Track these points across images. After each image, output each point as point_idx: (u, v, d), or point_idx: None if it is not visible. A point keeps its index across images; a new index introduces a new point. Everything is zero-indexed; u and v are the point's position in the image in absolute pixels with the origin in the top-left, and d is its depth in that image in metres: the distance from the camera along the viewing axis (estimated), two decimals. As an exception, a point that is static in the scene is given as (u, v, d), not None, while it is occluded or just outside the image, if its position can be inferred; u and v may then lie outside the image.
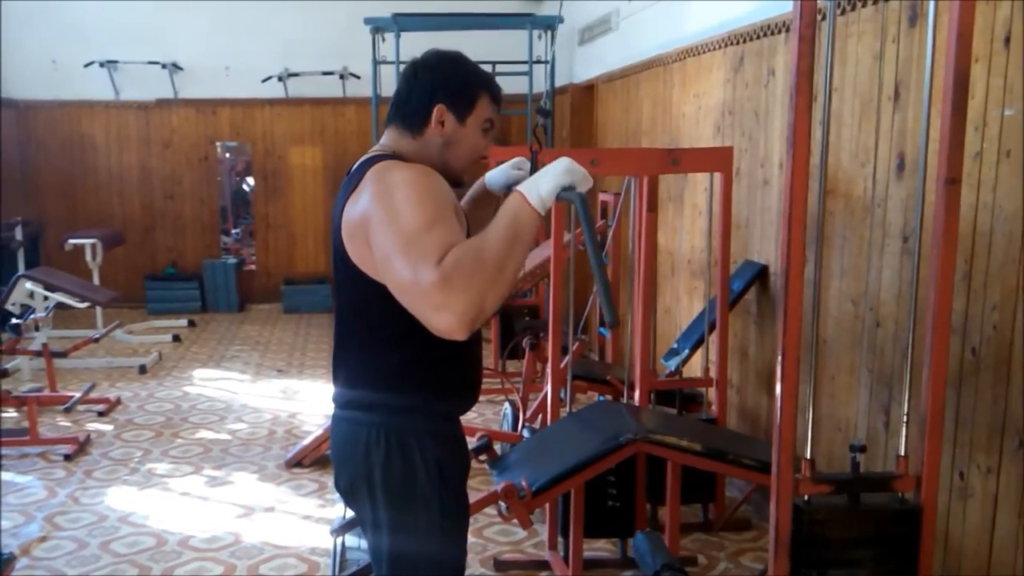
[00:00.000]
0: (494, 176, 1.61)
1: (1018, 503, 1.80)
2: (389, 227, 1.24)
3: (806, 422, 1.84)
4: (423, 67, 1.43)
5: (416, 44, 5.89)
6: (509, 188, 1.58)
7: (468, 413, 1.53)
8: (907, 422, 1.75)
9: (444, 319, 1.17)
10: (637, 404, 2.79)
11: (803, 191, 1.62)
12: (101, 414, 4.12)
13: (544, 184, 1.26)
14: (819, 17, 2.37)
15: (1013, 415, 1.81)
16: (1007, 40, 1.81)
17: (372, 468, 1.38)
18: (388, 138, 1.45)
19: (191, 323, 6.20)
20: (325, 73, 6.52)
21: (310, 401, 4.37)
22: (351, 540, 2.71)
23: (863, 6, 2.37)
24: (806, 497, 1.63)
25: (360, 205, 1.31)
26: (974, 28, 1.55)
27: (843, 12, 2.45)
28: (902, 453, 1.67)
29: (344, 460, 1.44)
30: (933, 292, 1.58)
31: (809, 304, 2.27)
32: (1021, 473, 1.79)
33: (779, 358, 1.64)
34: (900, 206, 2.20)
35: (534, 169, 1.57)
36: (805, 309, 1.98)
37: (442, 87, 1.40)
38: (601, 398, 3.38)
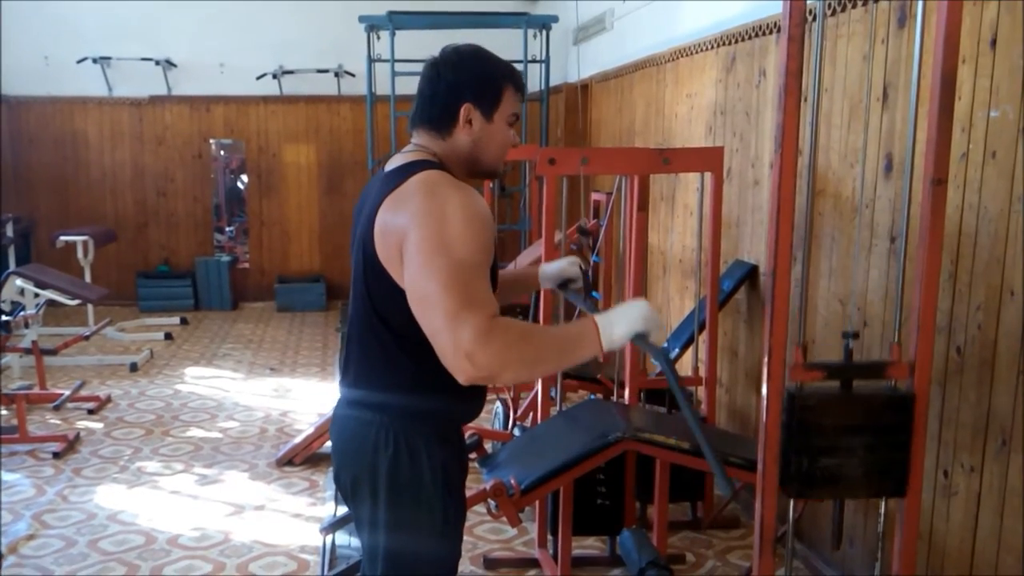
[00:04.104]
0: (547, 271, 1.69)
1: (1000, 502, 1.81)
2: (437, 254, 1.23)
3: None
4: (445, 65, 1.39)
5: (411, 42, 5.83)
6: (560, 284, 1.68)
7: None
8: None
9: (462, 365, 1.19)
10: (627, 403, 2.80)
11: (791, 191, 1.63)
12: (91, 412, 4.11)
13: (619, 328, 1.28)
14: (809, 18, 2.38)
15: (997, 414, 1.83)
16: (994, 42, 1.83)
17: (378, 468, 1.38)
18: (420, 139, 1.42)
19: (183, 321, 6.18)
20: (320, 71, 6.51)
21: (302, 399, 4.36)
22: (341, 538, 2.71)
23: (853, 7, 2.38)
24: (798, 384, 1.61)
25: (403, 215, 1.28)
26: (961, 29, 1.56)
27: (833, 13, 2.46)
28: (895, 340, 1.63)
29: (349, 457, 1.43)
30: (919, 292, 1.59)
31: (797, 304, 2.28)
32: (1004, 472, 1.80)
33: (765, 357, 1.64)
34: (888, 207, 2.21)
35: (586, 284, 1.67)
36: (793, 309, 1.98)
37: (467, 85, 1.38)
38: (592, 397, 3.39)
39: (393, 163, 1.41)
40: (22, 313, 4.23)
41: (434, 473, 1.38)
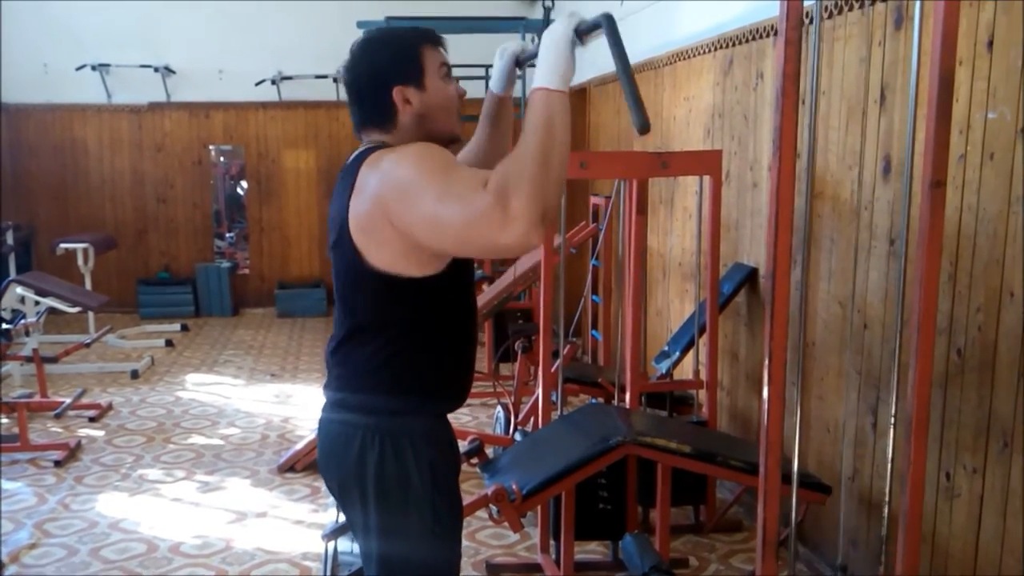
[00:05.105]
0: (495, 78, 1.58)
1: (1003, 503, 1.81)
2: (417, 194, 1.21)
3: (794, 424, 1.85)
4: (358, 64, 1.40)
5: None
6: (517, 62, 1.55)
7: (462, 416, 1.53)
8: (894, 423, 1.76)
9: (514, 230, 1.12)
10: (628, 407, 2.80)
11: (789, 194, 1.63)
12: (92, 419, 4.11)
13: (553, 62, 1.20)
14: (806, 20, 2.39)
15: (998, 416, 1.82)
16: (990, 43, 1.83)
17: (365, 471, 1.37)
18: (370, 137, 1.43)
19: (184, 327, 6.18)
20: (318, 76, 6.52)
21: (303, 405, 4.36)
22: (343, 544, 2.71)
23: (850, 9, 2.38)
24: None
25: (367, 197, 1.29)
26: (958, 31, 1.56)
27: (830, 16, 2.46)
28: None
29: (335, 462, 1.43)
30: (918, 294, 1.59)
31: (797, 307, 2.29)
32: (1006, 473, 1.80)
33: (766, 361, 1.64)
34: (887, 208, 2.21)
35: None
36: (793, 312, 1.98)
37: (386, 71, 1.37)
38: (593, 401, 3.39)
39: (350, 158, 1.41)
40: (23, 321, 4.24)
41: (421, 473, 1.37)
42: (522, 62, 1.55)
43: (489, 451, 3.01)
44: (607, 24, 1.19)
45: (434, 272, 1.33)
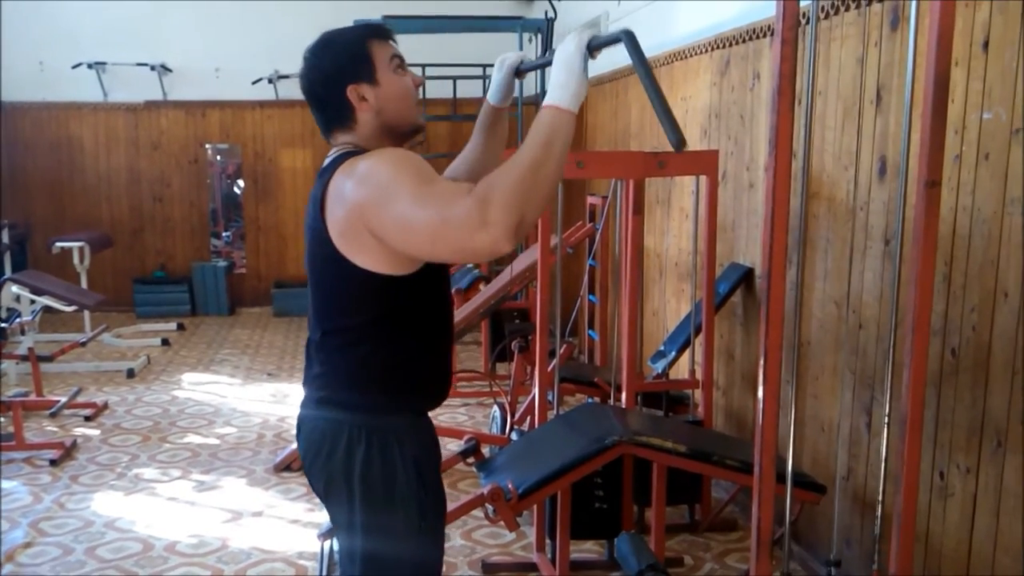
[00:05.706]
0: (493, 90, 1.58)
1: (996, 502, 1.82)
2: (392, 195, 1.22)
3: (789, 423, 1.85)
4: (311, 71, 1.42)
5: (405, 46, 5.88)
6: (517, 73, 1.55)
7: (458, 415, 1.53)
8: (888, 423, 1.76)
9: (488, 234, 1.13)
10: (624, 406, 2.80)
11: (785, 194, 1.63)
12: (88, 419, 4.10)
13: (565, 81, 1.19)
14: (802, 20, 2.40)
15: (991, 416, 1.83)
16: (986, 44, 1.84)
17: (352, 468, 1.37)
18: (336, 140, 1.44)
19: (180, 326, 6.18)
20: (315, 75, 6.51)
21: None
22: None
23: (846, 10, 2.39)
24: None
25: (345, 201, 1.29)
26: (954, 31, 1.56)
27: (827, 16, 2.47)
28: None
29: (322, 459, 1.42)
30: (913, 294, 1.60)
31: (792, 306, 2.30)
32: (999, 473, 1.81)
33: (761, 360, 1.65)
34: (882, 209, 2.22)
35: (548, 39, 1.44)
36: (788, 311, 1.99)
37: (337, 72, 1.38)
38: (589, 400, 3.39)
39: (326, 160, 1.42)
40: (18, 320, 4.23)
41: (407, 470, 1.37)
42: (522, 72, 1.55)
43: (485, 450, 3.01)
44: (628, 41, 1.14)
45: (413, 270, 1.34)
